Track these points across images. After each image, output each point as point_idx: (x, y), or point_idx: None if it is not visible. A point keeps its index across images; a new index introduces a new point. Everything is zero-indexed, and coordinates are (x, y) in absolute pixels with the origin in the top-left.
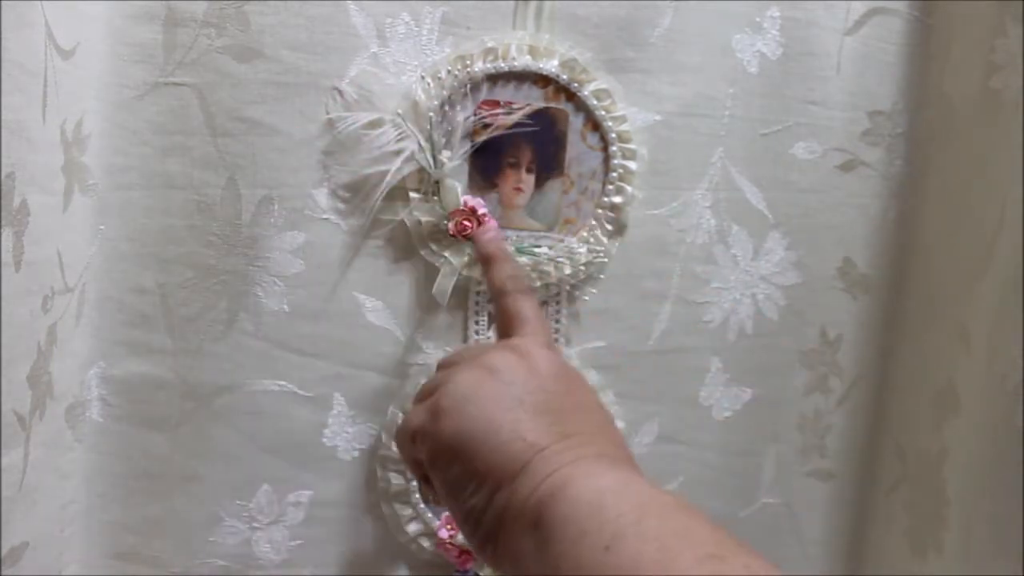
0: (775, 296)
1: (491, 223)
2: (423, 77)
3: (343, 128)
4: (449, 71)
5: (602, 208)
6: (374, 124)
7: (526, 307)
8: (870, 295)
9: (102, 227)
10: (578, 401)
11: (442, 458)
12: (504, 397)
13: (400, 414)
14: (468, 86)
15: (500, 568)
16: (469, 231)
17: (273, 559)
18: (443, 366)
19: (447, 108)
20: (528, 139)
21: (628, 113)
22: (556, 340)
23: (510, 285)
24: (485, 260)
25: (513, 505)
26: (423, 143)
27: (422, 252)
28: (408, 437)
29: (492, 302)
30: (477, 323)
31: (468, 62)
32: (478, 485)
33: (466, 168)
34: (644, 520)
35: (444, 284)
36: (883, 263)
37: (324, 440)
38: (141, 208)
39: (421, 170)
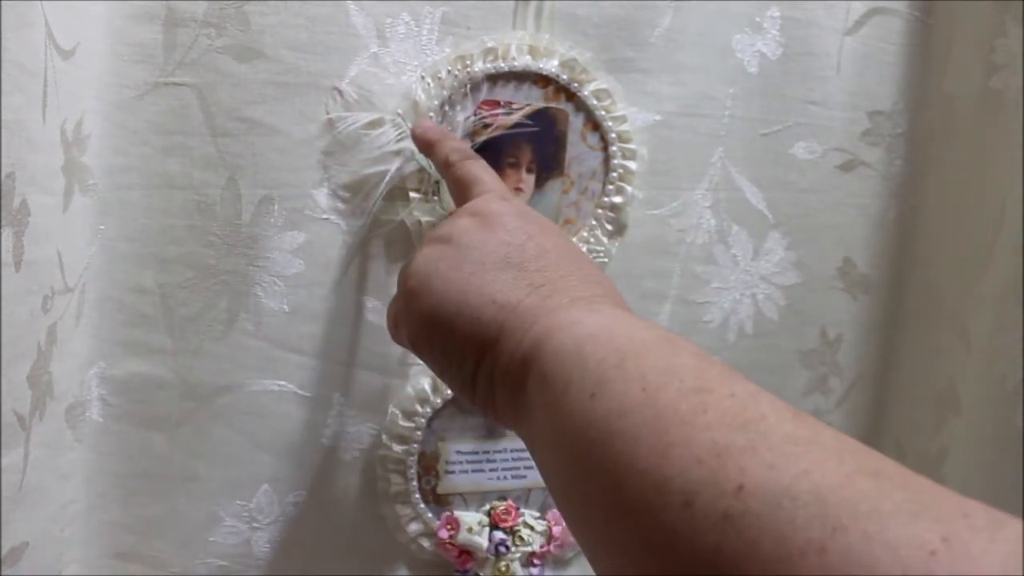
0: (775, 296)
1: (427, 123)
2: (423, 77)
3: (343, 128)
4: (449, 71)
5: (602, 208)
6: (374, 124)
7: (474, 169)
8: (870, 295)
9: (102, 227)
10: (542, 246)
11: (421, 338)
12: (465, 262)
13: (400, 414)
14: (468, 86)
15: (508, 425)
16: None
17: (273, 559)
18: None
19: (447, 108)
20: (528, 139)
21: (628, 113)
22: None
23: (454, 156)
24: (427, 147)
25: (499, 368)
26: None
27: None
28: (392, 326)
29: (446, 181)
30: None
31: (468, 62)
32: (462, 356)
33: None
34: (625, 361)
35: None
36: (883, 263)
37: (324, 440)
38: (141, 208)
39: (421, 170)
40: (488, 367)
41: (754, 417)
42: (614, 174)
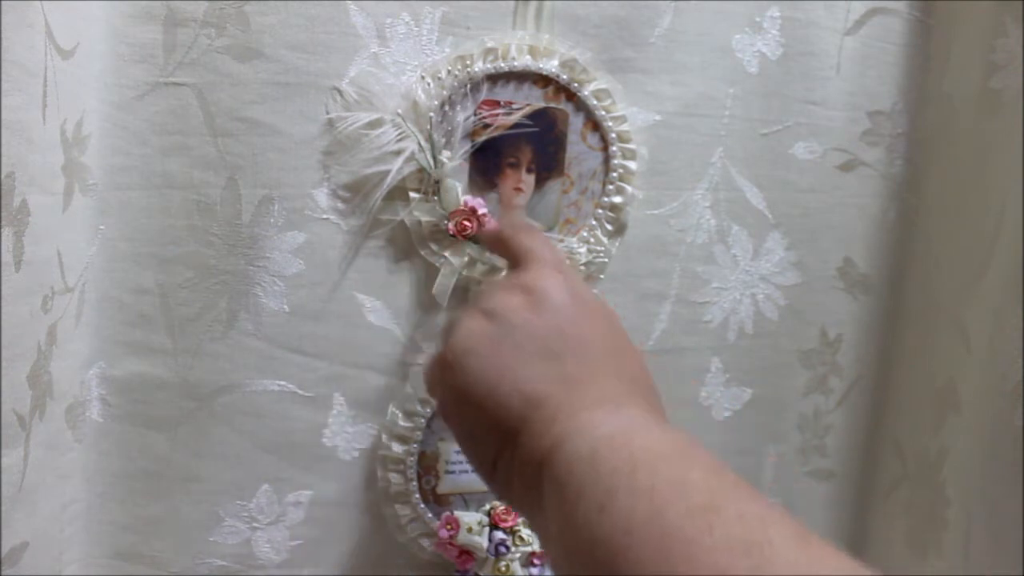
0: (775, 296)
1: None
2: (423, 77)
3: (343, 128)
4: (449, 71)
5: (602, 208)
6: (374, 124)
7: (527, 239)
8: (870, 295)
9: (102, 227)
10: (584, 334)
11: (451, 411)
12: (504, 345)
13: (400, 414)
14: (468, 86)
15: (523, 515)
16: (469, 231)
17: (273, 559)
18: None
19: (447, 108)
20: (528, 139)
21: (628, 113)
22: None
23: (508, 229)
24: (492, 240)
25: (517, 462)
26: (423, 143)
27: (422, 252)
28: (427, 382)
29: (504, 256)
30: None
31: (468, 62)
32: (485, 441)
33: (466, 168)
34: (636, 472)
35: (444, 284)
36: (883, 263)
37: (324, 440)
38: (141, 208)
39: (421, 170)
40: (508, 458)
41: (760, 541)
42: (614, 174)
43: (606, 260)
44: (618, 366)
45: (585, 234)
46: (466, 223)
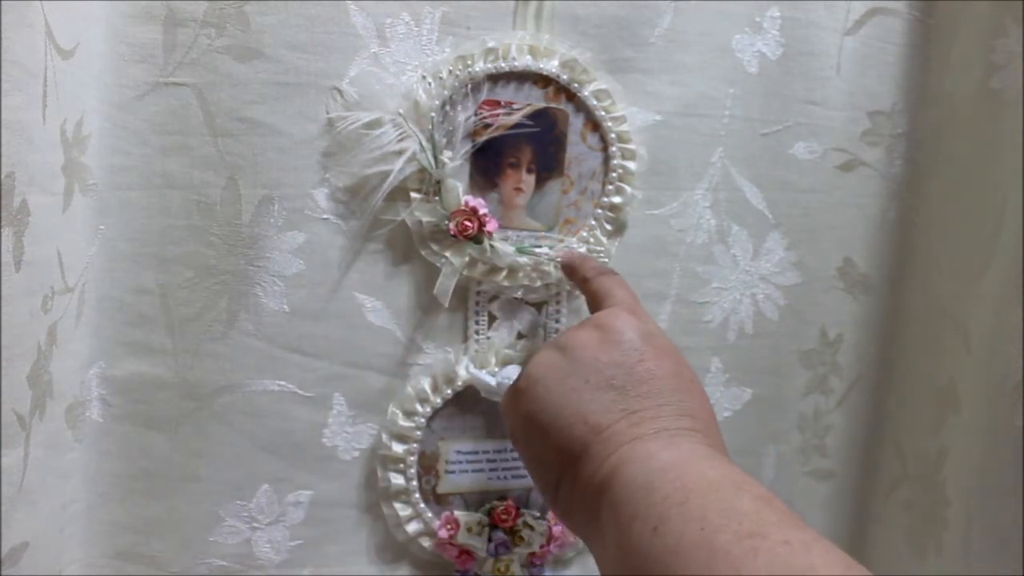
0: (775, 296)
1: (571, 251)
2: (424, 77)
3: (343, 128)
4: (450, 71)
5: (602, 208)
6: (374, 124)
7: (607, 283)
8: (870, 295)
9: (102, 227)
10: (650, 371)
11: (519, 435)
12: (571, 377)
13: (400, 414)
14: (469, 86)
15: (580, 536)
16: (470, 231)
17: (273, 559)
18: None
19: (448, 108)
20: (528, 139)
21: (628, 113)
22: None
23: (591, 273)
24: (569, 270)
25: (578, 485)
26: (424, 143)
27: (423, 252)
28: (503, 410)
29: (585, 296)
30: (477, 323)
31: (469, 62)
32: (548, 465)
33: (467, 168)
34: (689, 500)
35: (445, 284)
36: (883, 263)
37: (324, 440)
38: (141, 208)
39: (422, 170)
40: (569, 481)
41: (803, 566)
42: (614, 174)
43: (606, 260)
44: (680, 402)
45: (585, 234)
46: (467, 223)
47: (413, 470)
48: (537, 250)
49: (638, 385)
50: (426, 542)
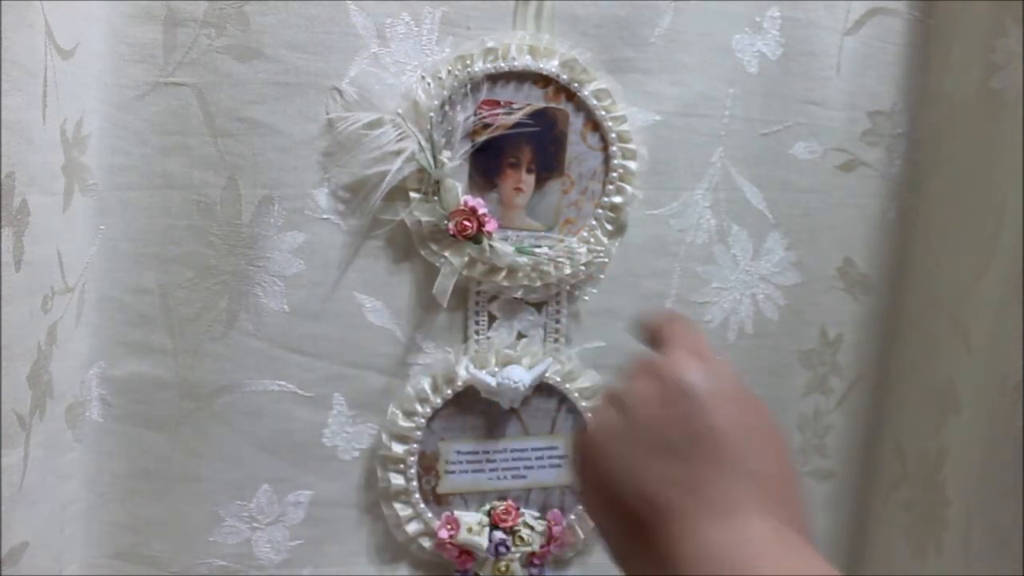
0: (775, 296)
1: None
2: (423, 77)
3: (343, 128)
4: (449, 71)
5: (602, 208)
6: (374, 124)
7: (670, 322)
8: (870, 295)
9: (102, 227)
10: (714, 425)
11: (586, 502)
12: (627, 442)
13: (400, 414)
14: (468, 86)
15: None
16: (469, 231)
17: (273, 559)
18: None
19: (447, 108)
20: (528, 139)
21: (628, 113)
22: (556, 340)
23: (657, 316)
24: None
25: (639, 562)
26: (423, 143)
27: (422, 252)
28: (571, 466)
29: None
30: (477, 323)
31: (468, 62)
32: (613, 537)
33: (466, 168)
34: None
35: (444, 284)
36: (883, 263)
37: (324, 440)
38: (141, 208)
39: (421, 170)
40: (634, 556)
41: None
42: (614, 174)
43: (606, 260)
44: (747, 462)
45: (585, 234)
46: (466, 223)
47: (413, 470)
48: (537, 250)
49: (698, 446)
50: (426, 542)
